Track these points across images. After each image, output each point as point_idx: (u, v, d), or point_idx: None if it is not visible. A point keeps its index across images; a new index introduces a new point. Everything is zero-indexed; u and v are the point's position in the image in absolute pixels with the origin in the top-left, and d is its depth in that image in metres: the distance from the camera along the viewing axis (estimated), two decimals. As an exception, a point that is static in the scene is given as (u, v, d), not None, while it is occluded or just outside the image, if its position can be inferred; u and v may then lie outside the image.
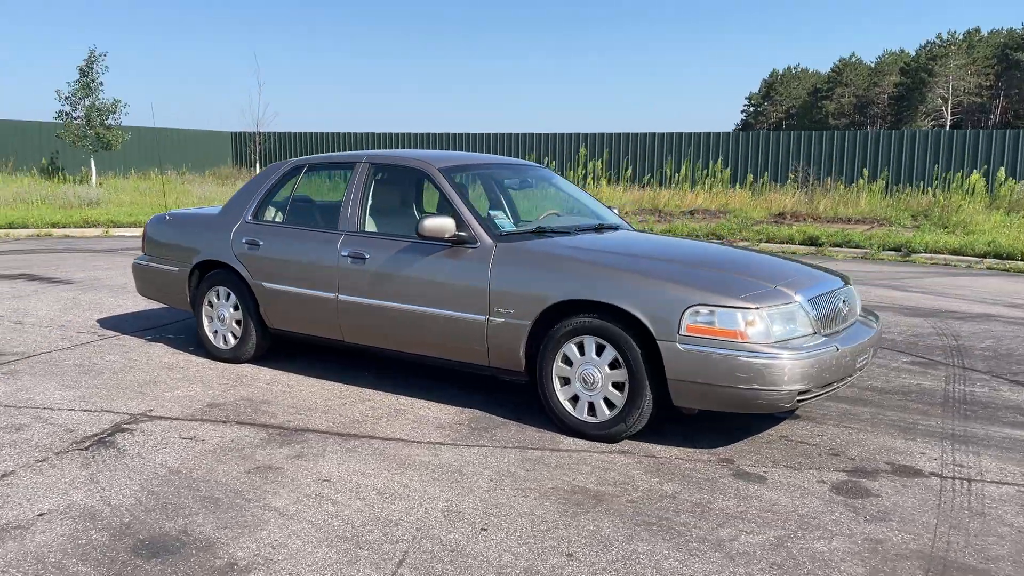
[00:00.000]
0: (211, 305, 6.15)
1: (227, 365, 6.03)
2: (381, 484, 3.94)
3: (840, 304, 4.68)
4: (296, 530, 3.44)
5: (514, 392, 5.41)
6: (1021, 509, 3.76)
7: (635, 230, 5.99)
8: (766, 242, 14.76)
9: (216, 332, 6.12)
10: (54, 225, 15.55)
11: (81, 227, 15.69)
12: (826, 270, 5.16)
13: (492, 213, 5.22)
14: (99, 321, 7.52)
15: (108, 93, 25.93)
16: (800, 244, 14.50)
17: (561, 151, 26.56)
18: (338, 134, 29.92)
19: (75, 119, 25.20)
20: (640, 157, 25.80)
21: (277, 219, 6.00)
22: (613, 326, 4.40)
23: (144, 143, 29.10)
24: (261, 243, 5.85)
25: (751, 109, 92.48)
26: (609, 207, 6.24)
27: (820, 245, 14.26)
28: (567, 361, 4.58)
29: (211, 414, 4.94)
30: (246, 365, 6.02)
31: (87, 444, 4.41)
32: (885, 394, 5.56)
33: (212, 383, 5.59)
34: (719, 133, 25.22)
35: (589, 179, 24.22)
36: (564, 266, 4.66)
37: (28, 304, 8.24)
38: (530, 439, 4.59)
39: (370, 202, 5.58)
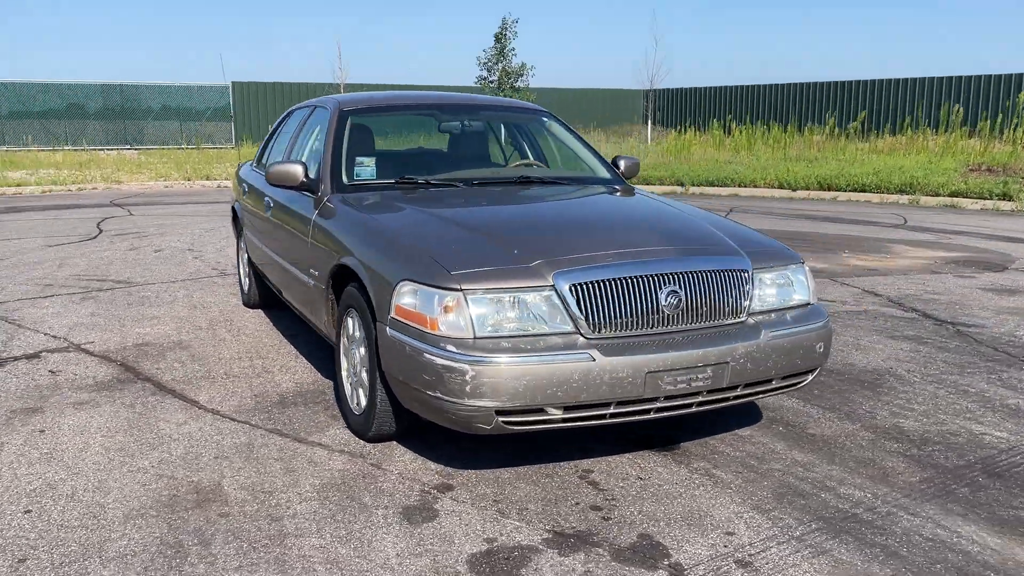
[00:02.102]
0: None
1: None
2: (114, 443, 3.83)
3: (665, 297, 3.31)
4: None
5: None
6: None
7: (618, 191, 4.75)
8: None
9: None
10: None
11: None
12: (757, 242, 3.81)
13: (362, 160, 4.60)
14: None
15: (519, 58, 27.71)
16: None
17: None
18: (740, 87, 28.44)
19: (491, 83, 27.49)
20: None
21: None
22: (362, 300, 3.68)
23: (547, 103, 30.71)
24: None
25: None
26: (619, 162, 5.10)
27: None
28: (350, 339, 3.95)
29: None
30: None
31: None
32: None
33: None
34: None
35: None
36: (354, 226, 3.99)
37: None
38: (311, 427, 4.06)
39: (296, 145, 5.29)
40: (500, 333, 3.16)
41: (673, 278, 3.34)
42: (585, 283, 3.22)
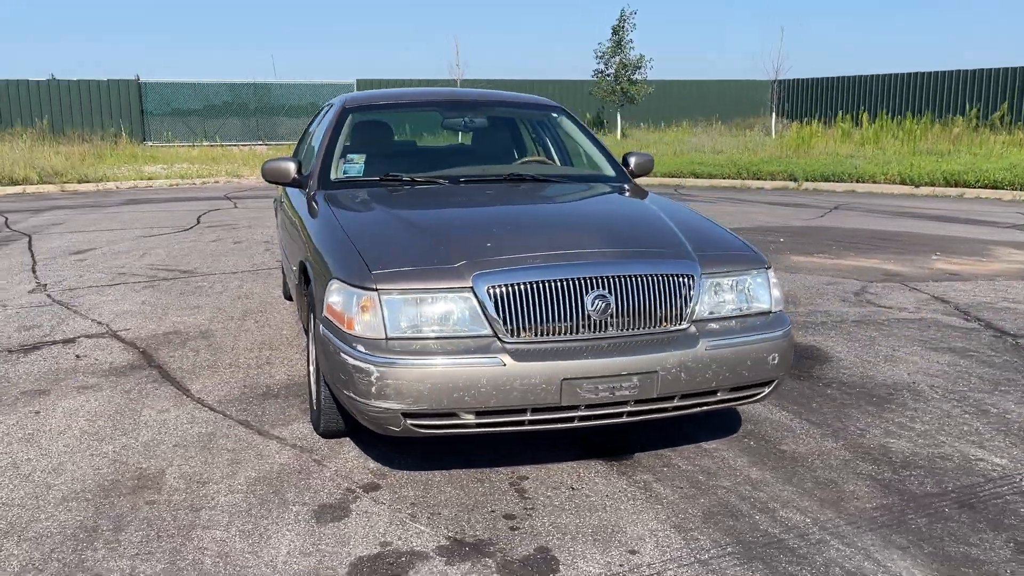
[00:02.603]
0: None
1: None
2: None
3: (592, 302, 3.18)
4: None
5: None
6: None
7: (609, 189, 4.59)
8: None
9: None
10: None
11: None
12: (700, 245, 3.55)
13: (352, 157, 4.64)
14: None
15: (637, 50, 27.27)
16: None
17: None
18: (873, 77, 26.97)
19: (607, 76, 27.23)
20: None
21: None
22: (313, 296, 3.73)
23: (665, 96, 30.08)
24: None
25: None
26: (629, 159, 4.94)
27: None
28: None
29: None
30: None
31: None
32: None
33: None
34: None
35: None
36: (320, 223, 4.02)
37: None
38: (278, 421, 4.13)
39: (312, 140, 5.39)
40: (415, 335, 3.12)
41: (602, 282, 3.20)
42: (503, 285, 3.14)
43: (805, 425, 4.01)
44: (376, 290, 3.13)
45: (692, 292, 3.32)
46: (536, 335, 3.14)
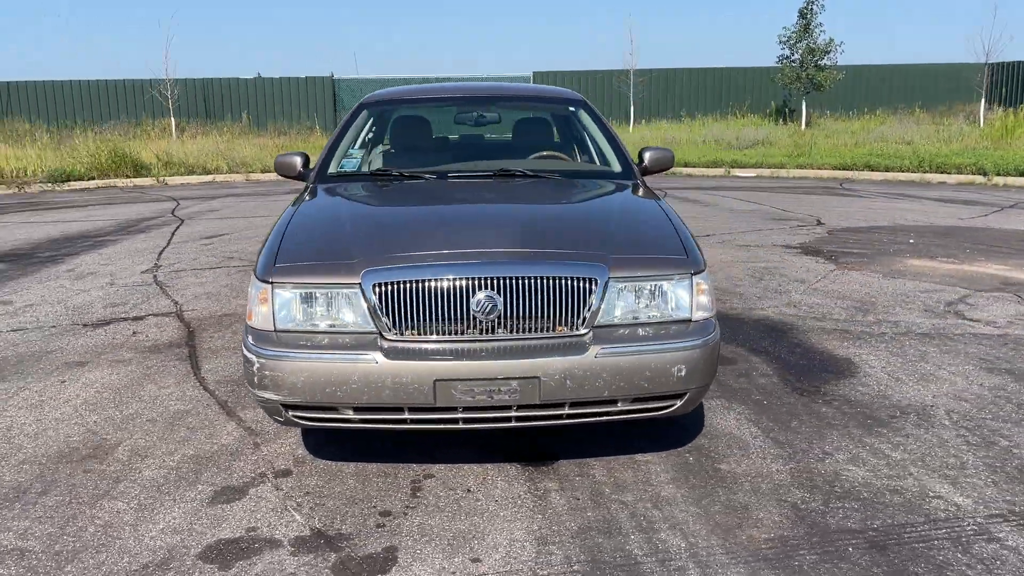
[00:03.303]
0: None
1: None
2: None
3: (478, 303, 3.14)
4: None
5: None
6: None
7: (599, 186, 4.45)
8: None
9: None
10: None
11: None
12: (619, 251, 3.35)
13: (352, 151, 4.75)
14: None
15: (826, 34, 25.69)
16: None
17: None
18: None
19: (792, 62, 25.91)
20: None
21: None
22: None
23: (858, 82, 28.08)
24: None
25: None
26: (644, 154, 4.82)
27: None
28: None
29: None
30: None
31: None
32: None
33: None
34: None
35: None
36: (281, 217, 4.18)
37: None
38: (253, 404, 4.26)
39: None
40: (303, 328, 3.20)
41: (491, 283, 3.13)
42: (389, 283, 3.14)
43: (766, 444, 3.72)
44: (271, 283, 3.23)
45: (593, 296, 3.17)
46: (419, 334, 3.13)
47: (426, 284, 3.12)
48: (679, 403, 3.25)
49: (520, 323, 3.14)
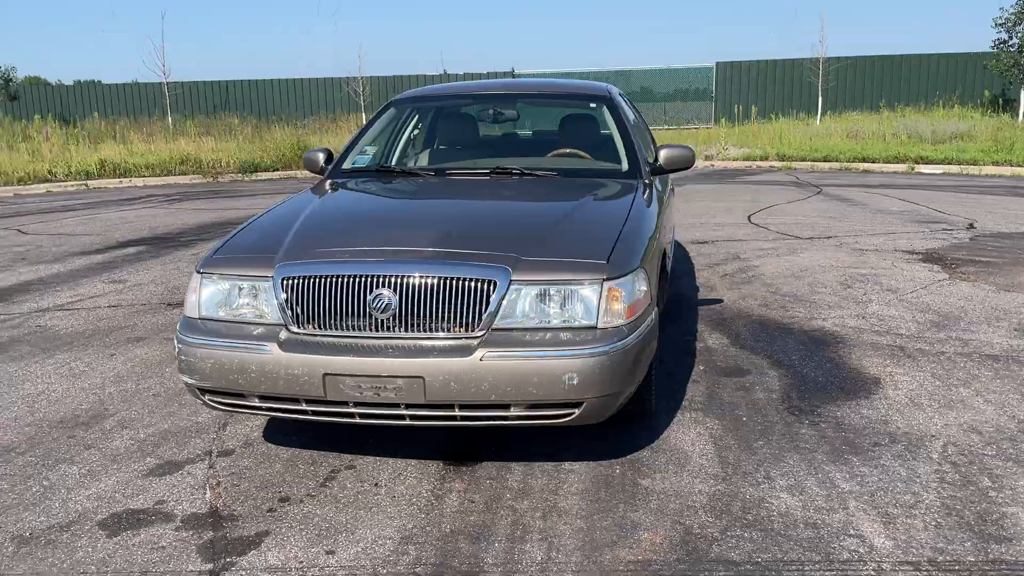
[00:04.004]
0: None
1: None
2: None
3: (373, 301, 3.20)
4: None
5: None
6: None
7: (599, 187, 4.34)
8: None
9: None
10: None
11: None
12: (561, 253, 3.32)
13: (367, 147, 4.90)
14: None
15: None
16: None
17: None
18: None
19: (1010, 47, 23.54)
20: None
21: None
22: None
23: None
24: None
25: None
26: (659, 152, 4.65)
27: None
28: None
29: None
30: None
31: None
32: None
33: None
34: None
35: None
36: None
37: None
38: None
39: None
40: (222, 317, 3.39)
41: (388, 281, 3.17)
42: (295, 278, 3.26)
43: (709, 463, 3.50)
44: (201, 274, 3.44)
45: (492, 299, 3.13)
46: (318, 328, 3.22)
47: (327, 280, 3.20)
48: (576, 412, 3.13)
49: (415, 321, 3.15)
